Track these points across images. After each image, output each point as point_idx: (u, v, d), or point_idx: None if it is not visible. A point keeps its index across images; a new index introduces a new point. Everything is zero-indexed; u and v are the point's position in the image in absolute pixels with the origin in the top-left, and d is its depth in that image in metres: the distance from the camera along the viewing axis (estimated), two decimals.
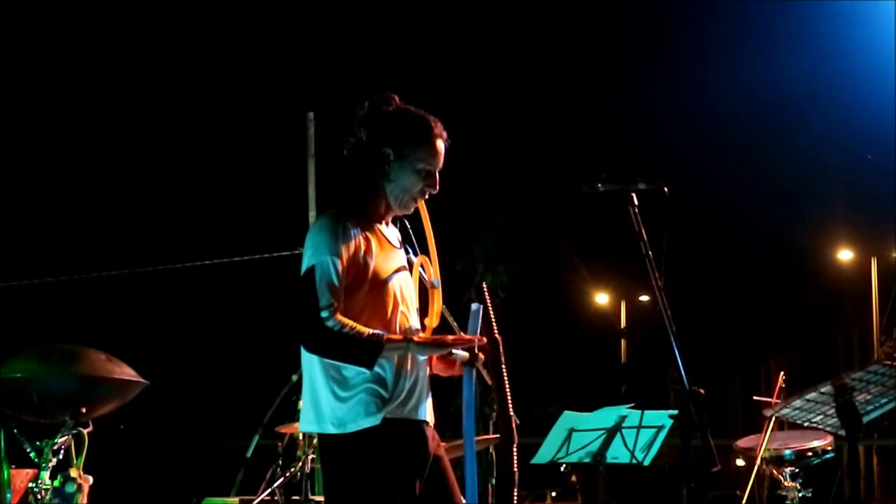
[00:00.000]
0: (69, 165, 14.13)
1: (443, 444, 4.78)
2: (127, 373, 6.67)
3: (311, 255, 4.49)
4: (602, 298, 33.51)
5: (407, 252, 4.77)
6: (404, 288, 4.66)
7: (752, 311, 31.26)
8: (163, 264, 11.48)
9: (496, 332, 4.61)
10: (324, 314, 4.38)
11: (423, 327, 4.69)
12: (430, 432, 4.64)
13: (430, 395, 4.68)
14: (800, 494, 8.03)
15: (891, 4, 12.67)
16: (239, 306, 16.88)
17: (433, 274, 4.70)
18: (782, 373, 8.87)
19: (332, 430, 4.49)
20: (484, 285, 4.69)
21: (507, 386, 4.62)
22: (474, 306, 4.55)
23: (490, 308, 4.62)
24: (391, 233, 4.75)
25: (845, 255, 26.57)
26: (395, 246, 4.71)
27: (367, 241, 4.55)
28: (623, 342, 32.59)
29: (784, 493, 8.08)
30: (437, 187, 4.70)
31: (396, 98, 4.71)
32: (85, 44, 13.78)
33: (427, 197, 4.70)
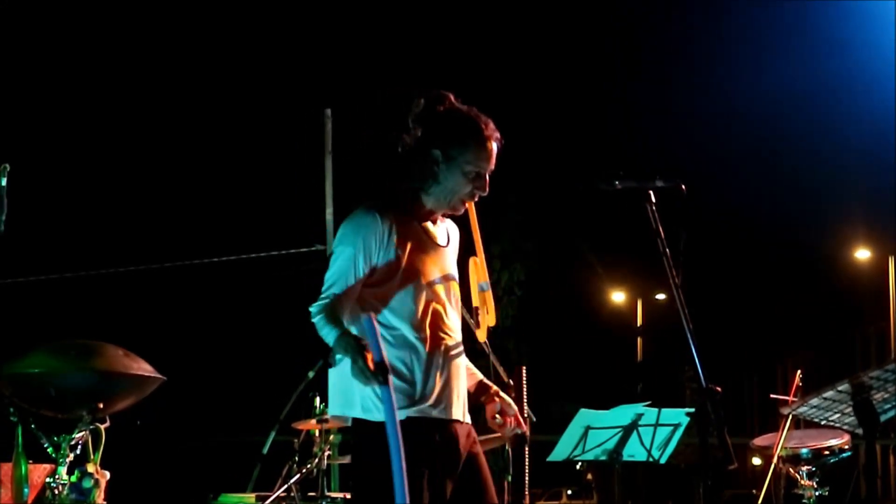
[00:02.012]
0: (88, 162, 14.17)
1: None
2: (144, 368, 6.68)
3: (336, 242, 4.55)
4: (618, 296, 33.49)
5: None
6: (444, 287, 4.63)
7: (770, 310, 31.24)
8: (180, 260, 11.50)
9: (526, 412, 4.58)
10: (319, 300, 4.43)
11: (479, 325, 4.72)
12: (464, 430, 4.60)
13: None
14: (816, 493, 8.02)
15: None
16: (256, 302, 16.91)
17: (482, 276, 4.69)
18: (799, 371, 8.86)
19: (359, 413, 4.48)
20: (523, 370, 4.69)
21: (527, 471, 4.61)
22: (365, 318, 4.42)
23: (524, 390, 4.61)
24: (440, 231, 4.73)
25: (862, 254, 26.54)
26: (440, 245, 4.69)
27: (403, 235, 4.52)
28: (639, 340, 32.56)
29: (801, 492, 8.07)
30: (487, 189, 4.65)
31: (451, 97, 4.66)
32: (104, 42, 13.81)
33: (476, 199, 4.68)
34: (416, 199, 4.61)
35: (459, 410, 4.60)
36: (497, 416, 4.77)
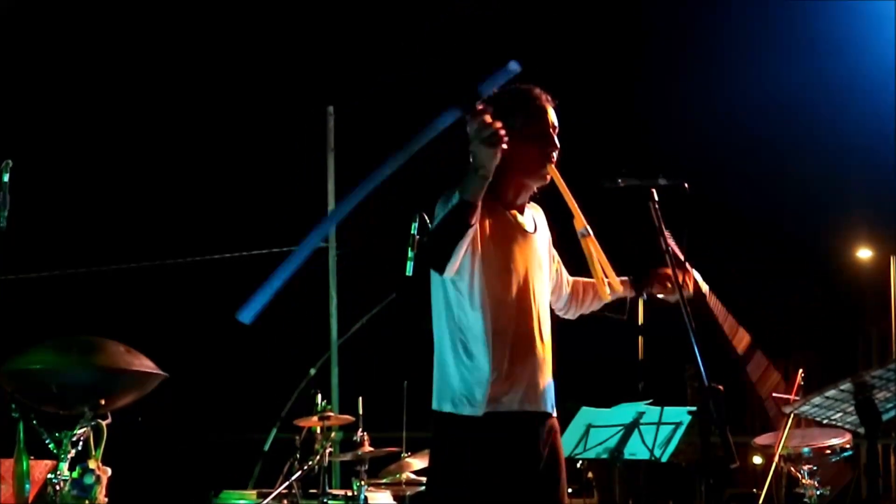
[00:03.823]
0: (90, 158, 14.16)
1: None
2: (146, 365, 6.69)
3: (437, 212, 4.45)
4: None
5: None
6: (533, 275, 4.59)
7: (771, 309, 31.24)
8: (182, 257, 11.50)
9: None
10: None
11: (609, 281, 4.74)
12: (549, 425, 4.56)
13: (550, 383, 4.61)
14: (818, 492, 8.02)
15: None
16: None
17: (581, 224, 4.67)
18: (801, 370, 8.86)
19: (448, 408, 4.46)
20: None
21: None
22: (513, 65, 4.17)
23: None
24: (527, 219, 4.70)
25: (864, 253, 26.50)
26: (528, 232, 4.65)
27: (492, 221, 4.50)
28: (641, 338, 32.53)
29: (802, 491, 8.07)
30: (558, 145, 4.65)
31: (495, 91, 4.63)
32: (105, 39, 13.81)
33: (554, 159, 4.64)
34: (497, 187, 4.52)
35: (545, 402, 4.55)
36: (668, 283, 4.92)
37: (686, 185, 4.63)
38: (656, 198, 4.58)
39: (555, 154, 4.64)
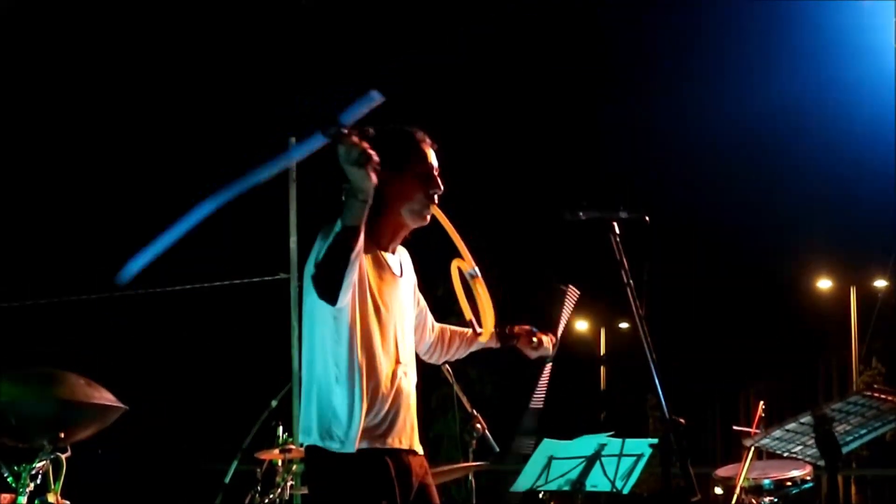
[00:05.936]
0: (45, 187, 14.11)
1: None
2: (106, 397, 6.64)
3: (317, 244, 4.43)
4: (582, 325, 33.49)
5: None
6: (400, 318, 4.63)
7: (734, 340, 31.38)
8: (142, 288, 11.45)
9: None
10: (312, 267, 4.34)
11: (479, 325, 4.78)
12: (417, 462, 4.61)
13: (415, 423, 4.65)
14: None
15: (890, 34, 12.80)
16: (219, 331, 16.82)
17: (469, 266, 4.70)
18: (762, 403, 8.90)
19: (316, 441, 4.47)
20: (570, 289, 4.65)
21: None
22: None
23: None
24: (394, 260, 4.72)
25: (825, 283, 26.66)
26: (395, 274, 4.68)
27: (367, 259, 4.52)
28: (603, 369, 32.59)
29: None
30: (442, 187, 4.67)
31: (370, 129, 4.67)
32: (61, 68, 13.77)
33: (437, 200, 4.66)
34: (374, 227, 4.58)
35: (412, 441, 4.60)
36: (533, 339, 5.12)
37: (647, 217, 4.64)
38: (617, 231, 4.59)
39: (437, 195, 4.65)
